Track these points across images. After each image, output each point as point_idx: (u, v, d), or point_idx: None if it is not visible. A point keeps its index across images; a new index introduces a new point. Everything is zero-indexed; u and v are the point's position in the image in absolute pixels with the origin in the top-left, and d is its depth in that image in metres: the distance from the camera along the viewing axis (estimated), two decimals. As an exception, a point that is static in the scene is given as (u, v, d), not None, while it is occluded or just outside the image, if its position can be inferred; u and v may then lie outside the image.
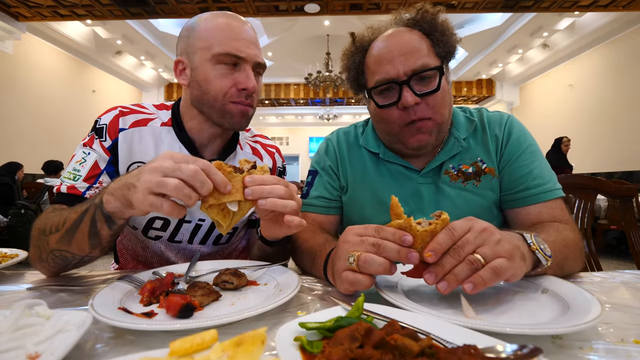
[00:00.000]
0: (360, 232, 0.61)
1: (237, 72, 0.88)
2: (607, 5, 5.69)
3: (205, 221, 1.01)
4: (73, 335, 0.42)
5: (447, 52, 0.89)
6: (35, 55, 6.88)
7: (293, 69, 10.54)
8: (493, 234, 0.56)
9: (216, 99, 0.88)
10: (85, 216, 0.69)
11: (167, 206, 0.58)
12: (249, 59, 0.88)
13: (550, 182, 0.89)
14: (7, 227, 4.55)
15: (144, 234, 0.99)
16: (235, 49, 0.86)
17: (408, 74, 0.85)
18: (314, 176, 1.07)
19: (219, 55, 0.86)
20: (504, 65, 9.59)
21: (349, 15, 6.26)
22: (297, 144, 16.02)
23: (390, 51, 0.87)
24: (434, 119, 0.87)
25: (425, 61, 0.85)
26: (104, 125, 0.92)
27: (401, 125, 0.88)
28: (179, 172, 0.57)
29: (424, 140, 0.88)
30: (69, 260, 0.76)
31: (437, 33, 0.88)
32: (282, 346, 0.37)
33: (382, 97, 0.90)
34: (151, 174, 0.58)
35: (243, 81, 0.88)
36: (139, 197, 0.59)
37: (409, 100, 0.84)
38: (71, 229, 0.71)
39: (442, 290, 0.53)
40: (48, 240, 0.74)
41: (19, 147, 6.44)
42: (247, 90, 0.88)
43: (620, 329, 0.50)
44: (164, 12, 5.92)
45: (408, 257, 0.55)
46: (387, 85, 0.87)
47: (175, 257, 1.04)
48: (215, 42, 0.86)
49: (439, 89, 0.85)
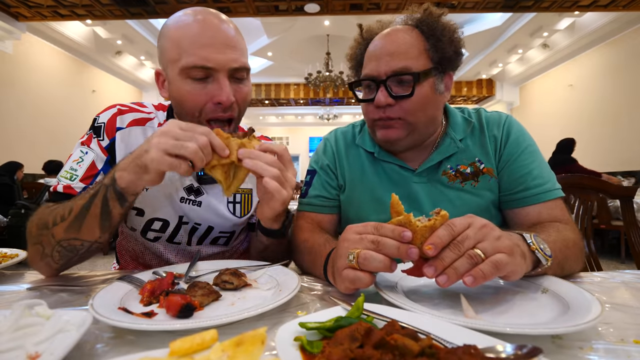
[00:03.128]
0: (359, 230, 0.62)
1: (210, 84, 0.80)
2: (607, 5, 5.69)
3: (201, 225, 1.00)
4: (73, 335, 0.42)
5: (442, 57, 0.88)
6: (35, 55, 6.88)
7: (293, 69, 10.54)
8: (493, 230, 0.56)
9: (193, 117, 0.83)
10: (95, 199, 0.72)
11: (185, 166, 0.64)
12: (221, 68, 0.79)
13: (549, 182, 0.89)
14: (7, 227, 4.55)
15: (142, 235, 0.98)
16: (203, 58, 0.77)
17: (387, 74, 0.87)
18: (312, 175, 1.07)
19: (186, 68, 0.78)
20: (504, 65, 9.59)
21: (349, 15, 6.25)
22: (297, 144, 16.02)
23: (379, 49, 0.90)
24: (405, 119, 0.88)
25: (408, 64, 0.86)
26: (102, 123, 0.91)
27: (374, 120, 0.92)
28: (194, 140, 0.64)
29: (391, 136, 0.91)
30: (77, 250, 0.77)
31: (434, 37, 0.88)
32: (282, 346, 0.37)
33: (365, 92, 0.95)
34: (163, 137, 0.64)
35: (217, 94, 0.80)
36: (156, 158, 0.63)
37: (381, 100, 0.87)
38: (80, 215, 0.72)
39: (442, 283, 0.53)
40: (53, 232, 0.74)
41: (18, 147, 6.44)
42: (222, 104, 0.80)
43: (620, 329, 0.50)
44: (164, 12, 5.91)
45: (408, 253, 0.55)
46: (368, 81, 0.91)
47: (175, 259, 1.04)
48: (183, 52, 0.78)
49: (412, 95, 0.86)
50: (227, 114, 0.84)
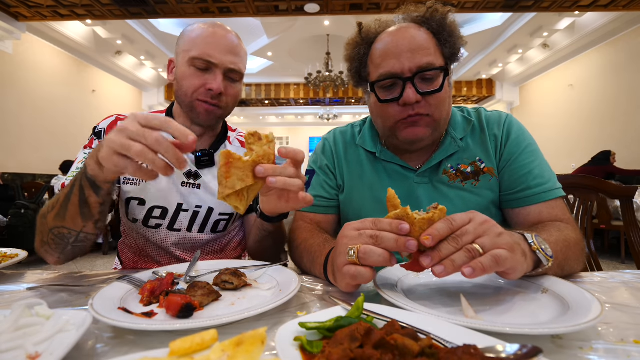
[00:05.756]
0: (358, 227, 0.62)
1: (208, 74, 0.97)
2: (607, 5, 5.68)
3: (202, 208, 1.05)
4: (73, 335, 0.42)
5: (452, 53, 0.89)
6: (35, 55, 6.88)
7: (293, 69, 10.54)
8: (495, 226, 0.56)
9: (186, 95, 0.98)
10: (74, 187, 0.74)
11: (131, 168, 0.61)
12: (220, 65, 0.96)
13: (550, 181, 0.89)
14: (7, 227, 4.55)
15: (144, 225, 1.04)
16: (208, 54, 0.95)
17: (413, 71, 0.84)
18: (311, 176, 1.07)
19: (194, 58, 0.95)
20: (504, 65, 9.58)
21: (349, 15, 6.25)
22: (297, 144, 16.01)
23: (397, 46, 0.86)
24: (432, 115, 0.87)
25: (431, 60, 0.85)
26: (103, 128, 1.04)
27: (398, 120, 0.89)
28: (143, 138, 0.58)
29: (419, 134, 0.88)
30: (66, 239, 0.79)
31: (445, 33, 0.88)
32: (282, 346, 0.37)
33: (384, 92, 0.89)
34: (116, 135, 0.60)
35: (210, 82, 0.96)
36: (104, 156, 0.62)
37: (410, 98, 0.84)
38: (64, 203, 0.75)
39: (438, 273, 0.52)
40: (47, 220, 0.79)
41: (19, 147, 6.44)
42: (212, 91, 0.96)
43: (620, 329, 0.50)
44: (163, 12, 5.91)
45: (406, 246, 0.55)
46: (391, 80, 0.87)
47: (176, 248, 1.07)
48: (195, 47, 0.96)
49: (442, 90, 0.85)
50: (214, 101, 0.98)
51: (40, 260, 4.84)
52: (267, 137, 0.66)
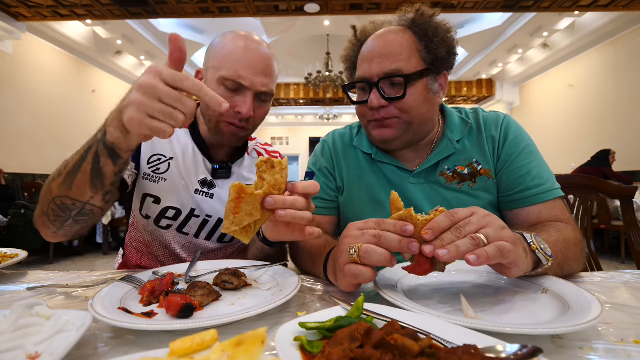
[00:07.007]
0: (361, 226, 0.62)
1: (238, 96, 0.92)
2: (607, 5, 5.68)
3: (212, 217, 1.05)
4: (73, 335, 0.42)
5: (435, 57, 0.88)
6: (35, 55, 6.87)
7: (293, 69, 10.54)
8: (498, 220, 0.56)
9: (213, 115, 0.95)
10: (87, 155, 0.69)
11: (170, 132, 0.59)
12: (251, 87, 0.92)
13: (549, 182, 0.89)
14: (7, 227, 4.55)
15: (155, 224, 1.04)
16: (239, 76, 0.90)
17: (380, 76, 0.87)
18: (310, 177, 1.08)
19: (224, 78, 0.91)
20: (504, 65, 9.58)
21: (349, 15, 6.25)
22: (297, 144, 16.01)
23: (371, 51, 0.90)
24: (401, 117, 0.89)
25: (400, 66, 0.86)
26: None
27: (369, 120, 0.93)
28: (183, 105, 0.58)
29: (387, 135, 0.90)
30: (69, 210, 0.75)
31: (426, 37, 0.88)
32: (282, 346, 0.37)
33: (360, 93, 0.95)
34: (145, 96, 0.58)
35: (239, 105, 0.92)
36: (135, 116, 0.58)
37: (374, 103, 0.88)
38: (73, 171, 0.71)
39: (442, 256, 0.51)
40: (50, 187, 0.74)
41: (19, 147, 6.44)
42: (241, 114, 0.92)
43: (620, 329, 0.50)
44: (164, 12, 5.91)
45: (409, 247, 0.55)
46: (362, 84, 0.91)
47: (181, 250, 1.07)
48: (225, 65, 0.91)
49: (404, 97, 0.86)
50: (242, 124, 0.95)
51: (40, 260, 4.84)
52: (280, 164, 0.63)
